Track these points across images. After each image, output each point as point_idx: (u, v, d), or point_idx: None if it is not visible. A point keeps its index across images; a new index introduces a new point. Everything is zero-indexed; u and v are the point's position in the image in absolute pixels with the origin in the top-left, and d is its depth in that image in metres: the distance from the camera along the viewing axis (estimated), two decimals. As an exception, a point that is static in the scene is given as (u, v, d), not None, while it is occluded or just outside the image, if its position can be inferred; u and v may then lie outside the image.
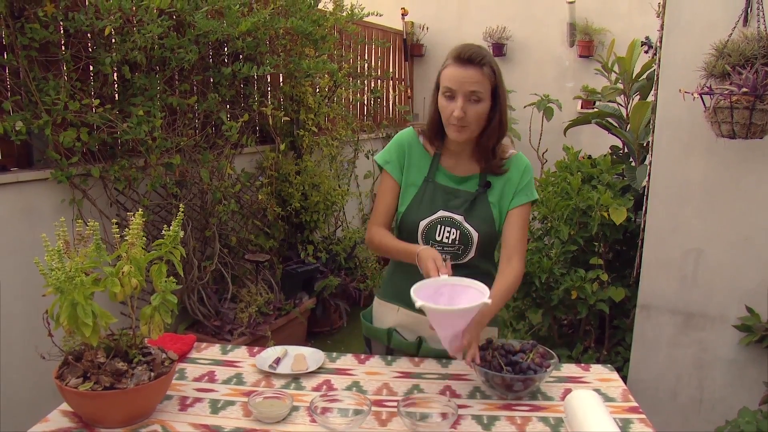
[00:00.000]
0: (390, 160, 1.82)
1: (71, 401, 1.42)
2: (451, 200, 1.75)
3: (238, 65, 3.34)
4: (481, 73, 1.63)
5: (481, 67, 1.63)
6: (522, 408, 1.53)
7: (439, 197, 1.76)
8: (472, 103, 1.64)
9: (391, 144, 1.85)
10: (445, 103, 1.67)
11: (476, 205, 1.74)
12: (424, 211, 1.75)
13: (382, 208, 1.82)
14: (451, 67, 1.65)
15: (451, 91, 1.65)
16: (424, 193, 1.77)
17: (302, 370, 1.70)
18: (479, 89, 1.63)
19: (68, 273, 1.30)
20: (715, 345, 2.39)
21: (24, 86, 2.60)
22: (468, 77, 1.63)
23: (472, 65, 1.63)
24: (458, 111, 1.63)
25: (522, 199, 1.75)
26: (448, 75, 1.66)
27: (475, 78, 1.63)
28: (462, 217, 1.73)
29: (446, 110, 1.67)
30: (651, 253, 2.47)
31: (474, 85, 1.63)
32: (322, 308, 4.20)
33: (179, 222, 1.47)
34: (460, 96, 1.64)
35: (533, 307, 3.03)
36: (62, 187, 2.78)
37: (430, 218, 1.74)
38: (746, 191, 2.26)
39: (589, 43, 5.87)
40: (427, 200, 1.76)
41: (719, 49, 2.04)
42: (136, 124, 2.82)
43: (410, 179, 1.80)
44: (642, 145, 3.05)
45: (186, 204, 3.32)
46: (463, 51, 1.64)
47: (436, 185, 1.77)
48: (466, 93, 1.63)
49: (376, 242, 1.80)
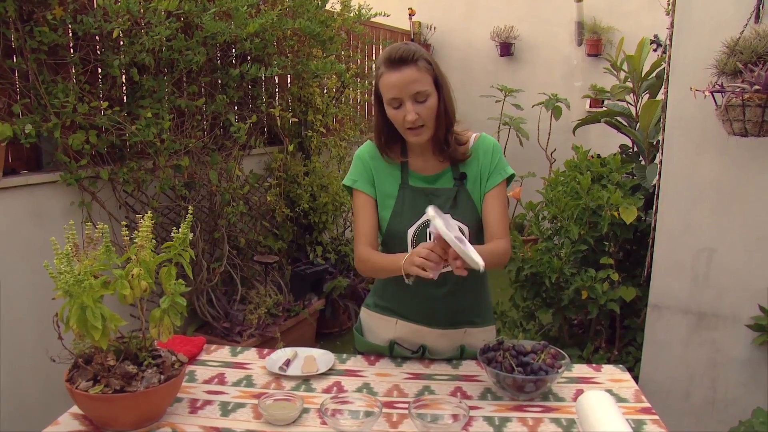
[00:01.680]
0: (357, 179, 1.75)
1: (81, 404, 1.42)
2: (433, 201, 1.67)
3: (246, 66, 3.34)
4: (417, 69, 1.58)
5: (416, 63, 1.58)
6: (533, 409, 1.51)
7: (420, 201, 1.69)
8: (421, 103, 1.60)
9: (353, 164, 1.78)
10: (394, 112, 1.62)
11: (458, 199, 1.71)
12: (409, 219, 1.70)
13: (364, 228, 1.74)
14: (387, 74, 1.59)
15: (397, 98, 1.59)
16: (404, 201, 1.71)
17: (312, 371, 1.69)
18: (422, 87, 1.58)
19: (77, 276, 1.29)
20: (728, 345, 2.36)
21: (33, 89, 2.61)
22: (407, 79, 1.57)
23: (407, 65, 1.57)
24: (411, 115, 1.58)
25: (496, 179, 1.71)
26: (387, 83, 1.60)
27: (414, 77, 1.57)
28: (449, 215, 1.67)
29: (398, 118, 1.62)
30: (662, 253, 2.45)
31: (416, 85, 1.58)
32: (331, 309, 4.20)
33: (188, 224, 1.46)
34: (406, 100, 1.58)
35: (543, 307, 3.01)
36: (71, 190, 2.79)
37: (417, 224, 1.69)
38: (759, 190, 2.24)
39: (598, 42, 5.85)
40: (409, 207, 1.71)
41: (731, 46, 2.02)
42: (144, 126, 2.83)
43: (385, 190, 1.74)
44: (652, 143, 3.03)
45: (195, 206, 3.32)
46: (392, 54, 1.58)
47: (414, 189, 1.72)
48: (411, 95, 1.58)
49: (364, 264, 1.72)
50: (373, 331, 1.87)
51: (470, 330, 1.79)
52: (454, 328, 1.78)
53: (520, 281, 2.92)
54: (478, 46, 6.47)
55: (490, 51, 6.40)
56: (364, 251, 1.72)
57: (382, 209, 1.74)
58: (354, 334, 1.94)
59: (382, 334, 1.84)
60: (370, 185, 1.75)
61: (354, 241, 1.79)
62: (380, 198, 1.75)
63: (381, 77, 1.61)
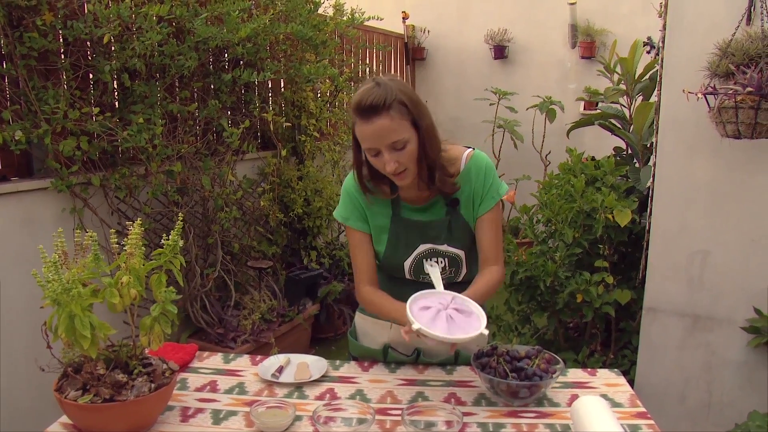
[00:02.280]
0: (349, 216, 1.72)
1: (71, 414, 1.40)
2: (427, 233, 1.66)
3: (239, 71, 3.33)
4: (391, 118, 1.47)
5: (389, 110, 1.47)
6: (528, 415, 1.50)
7: (414, 233, 1.67)
8: (400, 151, 1.51)
9: (343, 198, 1.74)
10: (373, 159, 1.55)
11: (452, 226, 1.67)
12: (404, 252, 1.68)
13: (363, 265, 1.72)
14: (360, 125, 1.50)
15: (373, 149, 1.52)
16: (398, 234, 1.68)
17: (305, 378, 1.68)
18: (399, 136, 1.49)
19: (65, 285, 1.28)
20: (723, 347, 2.36)
21: (23, 95, 2.60)
22: (381, 130, 1.48)
23: (379, 114, 1.47)
24: (391, 166, 1.51)
25: (489, 204, 1.66)
26: (362, 134, 1.52)
27: (388, 127, 1.47)
28: (445, 245, 1.67)
29: (378, 165, 1.55)
30: (657, 255, 2.45)
31: (392, 134, 1.48)
32: (326, 314, 4.18)
33: (178, 231, 1.45)
34: (384, 150, 1.50)
35: (538, 311, 3.00)
36: (63, 196, 2.77)
37: (413, 256, 1.68)
38: (753, 192, 2.23)
39: (591, 45, 5.86)
40: (403, 240, 1.68)
41: (723, 48, 2.02)
42: (136, 131, 2.82)
43: (377, 224, 1.71)
44: (646, 146, 3.03)
45: (188, 211, 3.30)
46: (362, 101, 1.48)
47: (407, 222, 1.68)
48: (388, 145, 1.49)
49: (369, 306, 1.73)
50: (367, 334, 1.86)
51: (465, 335, 1.78)
52: None
53: (515, 285, 2.91)
54: (472, 49, 6.47)
55: (484, 54, 6.40)
56: (367, 292, 1.71)
57: (376, 243, 1.72)
58: (348, 339, 1.92)
59: (376, 337, 1.83)
60: (363, 221, 1.71)
61: (354, 278, 1.75)
62: (373, 232, 1.72)
63: (355, 125, 1.53)
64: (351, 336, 1.91)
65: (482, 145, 5.46)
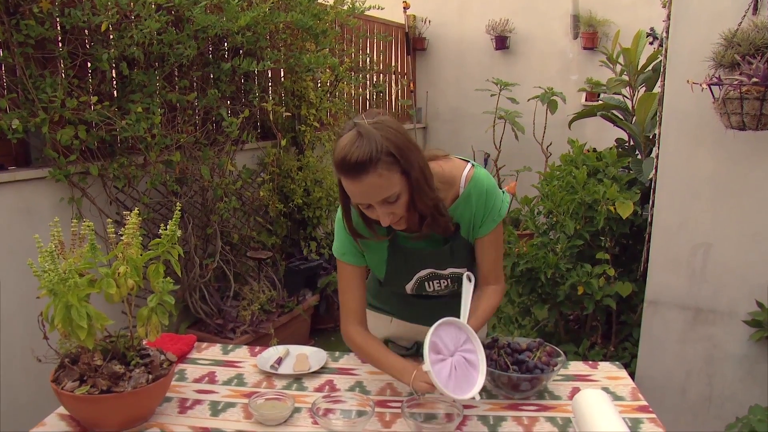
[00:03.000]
0: (346, 251, 1.61)
1: (68, 405, 1.39)
2: (429, 260, 1.60)
3: (238, 60, 3.31)
4: (379, 176, 1.32)
5: (376, 167, 1.31)
6: (529, 408, 1.49)
7: (415, 260, 1.61)
8: (393, 203, 1.39)
9: (337, 231, 1.62)
10: (366, 210, 1.43)
11: (454, 250, 1.59)
12: (405, 277, 1.64)
13: (352, 303, 1.63)
14: (344, 180, 1.37)
15: (363, 204, 1.41)
16: (397, 260, 1.61)
17: (304, 370, 1.67)
18: (389, 191, 1.36)
19: (61, 275, 1.26)
20: (725, 341, 2.34)
21: (20, 84, 2.57)
22: (371, 189, 1.34)
23: (366, 173, 1.31)
24: (385, 219, 1.40)
25: (489, 227, 1.58)
26: (350, 191, 1.38)
27: (377, 185, 1.33)
28: (448, 269, 1.62)
29: (371, 215, 1.43)
30: (659, 248, 2.43)
31: (382, 192, 1.35)
32: (326, 305, 4.17)
33: (176, 221, 1.43)
34: (376, 206, 1.39)
35: (539, 303, 2.99)
36: (61, 186, 2.75)
37: (414, 279, 1.64)
38: (756, 184, 2.21)
39: (593, 35, 5.82)
40: (402, 266, 1.62)
41: (728, 38, 1.99)
42: (135, 121, 2.79)
43: (374, 254, 1.62)
44: (648, 137, 3.01)
45: (187, 201, 3.29)
46: (347, 158, 1.31)
47: (405, 250, 1.59)
48: (379, 201, 1.37)
49: (357, 351, 1.67)
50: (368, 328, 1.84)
51: (465, 328, 1.76)
52: None
53: (516, 277, 2.90)
54: (473, 40, 6.43)
55: (486, 44, 6.36)
56: (356, 333, 1.63)
57: (376, 270, 1.66)
58: None
59: (376, 331, 1.81)
60: (359, 256, 1.62)
61: (341, 316, 1.66)
62: (371, 263, 1.65)
63: (340, 179, 1.38)
64: None
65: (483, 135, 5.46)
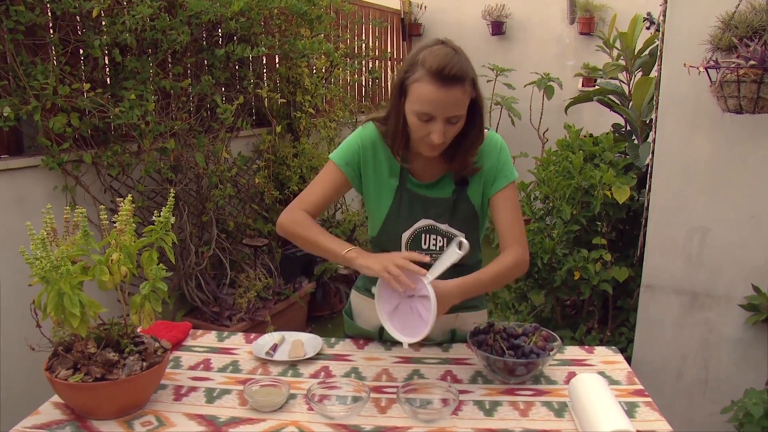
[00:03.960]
0: (350, 162, 1.63)
1: (62, 393, 1.38)
2: (431, 209, 1.61)
3: (232, 47, 3.28)
4: (463, 91, 1.41)
5: (464, 84, 1.41)
6: (525, 393, 1.49)
7: (418, 206, 1.61)
8: (451, 125, 1.45)
9: (352, 143, 1.64)
10: (418, 123, 1.45)
11: (457, 207, 1.61)
12: (404, 223, 1.63)
13: (316, 196, 1.62)
14: (428, 86, 1.40)
15: (428, 114, 1.43)
16: (401, 204, 1.62)
17: (300, 356, 1.66)
18: (461, 111, 1.44)
19: (54, 262, 1.25)
20: (721, 325, 2.35)
21: (11, 71, 2.54)
22: (451, 101, 1.41)
23: (455, 85, 1.39)
24: (438, 137, 1.43)
25: (503, 182, 1.60)
26: (424, 96, 1.41)
27: (457, 100, 1.41)
28: (446, 225, 1.61)
29: (420, 130, 1.47)
30: (655, 233, 2.43)
31: (456, 108, 1.43)
32: (322, 292, 4.17)
33: (170, 208, 1.42)
34: (439, 120, 1.43)
35: (536, 288, 2.99)
36: (54, 174, 2.73)
37: (412, 229, 1.63)
38: (753, 168, 2.21)
39: (590, 20, 5.78)
40: (405, 211, 1.62)
41: (726, 20, 1.98)
42: (128, 108, 2.77)
43: (381, 186, 1.64)
44: (645, 122, 2.99)
45: (181, 189, 3.27)
46: (446, 67, 1.37)
47: (411, 194, 1.62)
48: (446, 117, 1.43)
49: (289, 227, 1.61)
50: (362, 314, 1.84)
51: (462, 314, 1.76)
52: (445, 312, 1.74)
53: (512, 262, 2.89)
54: (470, 25, 6.39)
55: (482, 30, 6.32)
56: (299, 214, 1.61)
57: (377, 207, 1.66)
58: (344, 318, 1.90)
59: (371, 318, 1.80)
60: (353, 172, 1.64)
61: (293, 201, 1.64)
62: (375, 199, 1.66)
63: (418, 82, 1.41)
64: (346, 315, 1.89)
65: (479, 122, 5.44)
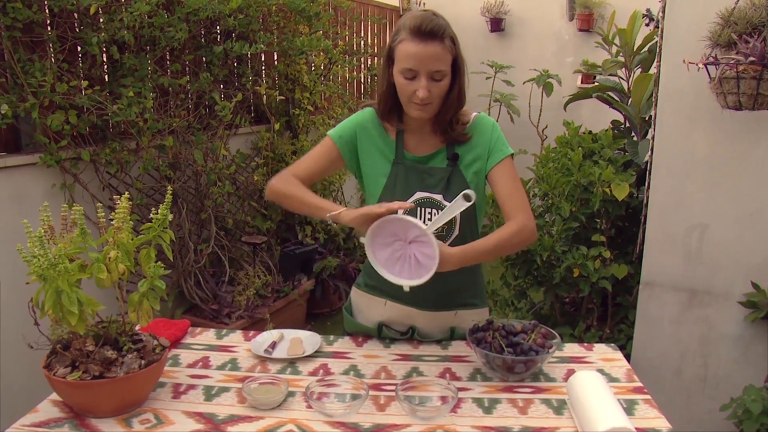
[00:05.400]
0: (345, 137, 1.69)
1: (60, 391, 1.38)
2: (426, 179, 1.64)
3: (230, 44, 3.27)
4: (443, 47, 1.50)
5: (443, 40, 1.50)
6: (524, 390, 1.49)
7: (414, 178, 1.65)
8: (436, 81, 1.53)
9: (349, 122, 1.72)
10: (404, 82, 1.54)
11: (452, 180, 1.64)
12: (401, 195, 1.64)
13: (307, 165, 1.70)
14: (409, 43, 1.50)
15: (413, 71, 1.51)
16: (396, 177, 1.65)
17: (298, 354, 1.66)
18: (442, 66, 1.51)
19: (51, 260, 1.25)
20: (720, 322, 2.35)
21: (9, 68, 2.53)
22: (430, 55, 1.49)
23: (434, 40, 1.49)
24: (423, 92, 1.51)
25: (498, 156, 1.64)
26: (406, 52, 1.50)
27: (437, 54, 1.49)
28: (441, 196, 1.63)
29: (407, 90, 1.54)
30: (654, 230, 2.42)
31: (437, 63, 1.50)
32: (322, 289, 4.17)
33: (168, 205, 1.42)
34: (423, 76, 1.51)
35: (535, 286, 2.99)
36: (52, 172, 2.73)
37: (409, 201, 1.64)
38: (752, 164, 2.20)
39: (589, 17, 5.76)
40: (401, 183, 1.65)
41: (725, 17, 1.97)
42: (126, 105, 2.76)
43: (376, 167, 1.68)
44: (644, 119, 2.99)
45: (180, 186, 3.26)
46: (422, 24, 1.48)
47: (407, 166, 1.66)
48: (429, 72, 1.51)
49: (278, 187, 1.67)
50: (362, 311, 1.84)
51: (461, 312, 1.75)
52: (445, 310, 1.74)
53: (511, 259, 2.89)
54: (468, 22, 6.37)
55: (481, 27, 6.30)
56: (289, 177, 1.68)
57: (373, 186, 1.69)
58: (343, 314, 1.90)
59: (371, 314, 1.81)
60: (347, 146, 1.69)
61: (285, 170, 1.72)
62: (372, 176, 1.69)
63: (401, 42, 1.52)
64: (346, 311, 1.89)
65: (478, 119, 5.43)
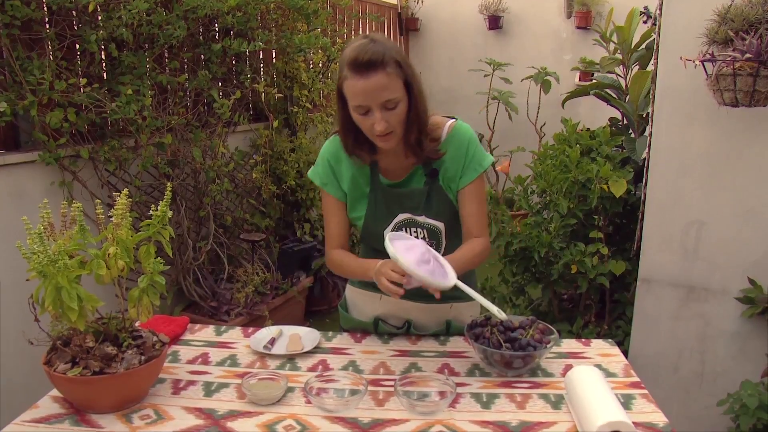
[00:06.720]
0: (327, 182, 1.69)
1: (61, 387, 1.39)
2: (405, 202, 1.63)
3: (228, 41, 3.27)
4: (387, 75, 1.43)
5: (385, 68, 1.43)
6: (522, 385, 1.50)
7: (393, 203, 1.64)
8: (390, 110, 1.47)
9: (320, 161, 1.70)
10: (360, 118, 1.49)
11: (431, 197, 1.63)
12: (383, 220, 1.65)
13: (335, 230, 1.71)
14: (352, 80, 1.44)
15: (363, 107, 1.46)
16: (376, 203, 1.65)
17: (297, 350, 1.67)
18: (392, 95, 1.45)
19: (51, 256, 1.25)
20: (717, 318, 2.36)
21: (7, 66, 2.53)
22: (375, 87, 1.43)
23: (375, 71, 1.42)
24: (380, 124, 1.46)
25: (471, 176, 1.62)
26: (353, 90, 1.45)
27: (383, 85, 1.43)
28: (423, 216, 1.63)
29: (365, 125, 1.50)
30: (652, 226, 2.43)
31: (385, 93, 1.44)
32: (320, 286, 4.17)
33: (167, 202, 1.42)
34: (375, 109, 1.46)
35: (533, 282, 3.00)
36: (51, 169, 2.73)
37: (392, 224, 1.65)
38: (749, 161, 2.21)
39: (587, 14, 5.77)
40: (382, 208, 1.65)
41: (722, 14, 1.98)
42: (125, 103, 2.76)
43: (356, 192, 1.68)
44: (641, 116, 3.00)
45: (179, 184, 3.27)
46: (359, 56, 1.42)
47: (385, 192, 1.65)
48: (380, 104, 1.45)
49: (336, 268, 1.72)
50: (357, 307, 1.85)
51: (457, 304, 1.77)
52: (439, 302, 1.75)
53: (509, 256, 2.90)
54: (466, 20, 6.38)
55: (479, 24, 6.31)
56: (336, 255, 1.71)
57: (355, 210, 1.69)
58: (339, 311, 1.91)
59: (366, 310, 1.82)
60: (339, 189, 1.69)
61: (325, 243, 1.76)
62: (351, 200, 1.69)
63: (345, 80, 1.46)
64: (342, 308, 1.90)
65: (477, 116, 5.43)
